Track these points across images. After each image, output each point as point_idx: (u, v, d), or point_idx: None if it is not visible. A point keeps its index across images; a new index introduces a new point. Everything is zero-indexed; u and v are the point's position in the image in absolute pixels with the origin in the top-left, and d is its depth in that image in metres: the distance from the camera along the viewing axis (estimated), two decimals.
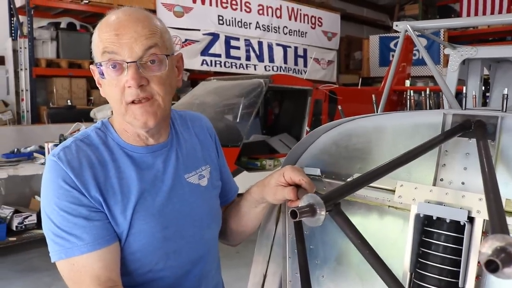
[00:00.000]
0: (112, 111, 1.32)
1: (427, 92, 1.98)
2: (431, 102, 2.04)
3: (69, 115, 7.28)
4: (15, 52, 7.71)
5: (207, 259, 1.43)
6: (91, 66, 1.30)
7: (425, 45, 9.68)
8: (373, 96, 2.28)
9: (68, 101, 7.99)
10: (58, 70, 8.08)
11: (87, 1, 8.17)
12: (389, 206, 1.29)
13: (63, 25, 8.25)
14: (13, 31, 7.99)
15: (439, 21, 3.60)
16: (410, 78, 10.07)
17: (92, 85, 8.81)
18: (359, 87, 9.49)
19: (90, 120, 7.05)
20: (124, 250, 1.25)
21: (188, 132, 1.44)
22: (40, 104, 7.86)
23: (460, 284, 1.10)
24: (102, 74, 1.21)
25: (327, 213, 0.95)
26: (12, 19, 7.94)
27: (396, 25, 3.18)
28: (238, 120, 5.75)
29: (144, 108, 1.20)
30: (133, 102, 1.19)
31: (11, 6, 7.54)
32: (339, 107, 1.85)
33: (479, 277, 1.09)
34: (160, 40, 1.22)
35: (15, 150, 5.65)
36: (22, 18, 7.72)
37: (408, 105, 1.88)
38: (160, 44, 1.22)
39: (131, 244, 1.25)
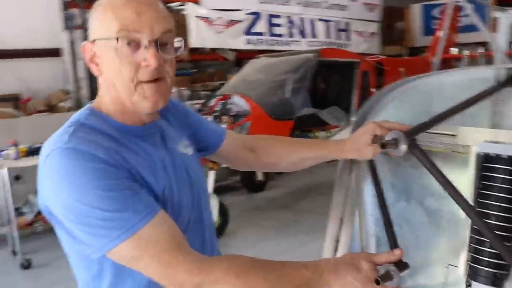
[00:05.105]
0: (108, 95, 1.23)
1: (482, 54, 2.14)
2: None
3: None
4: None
5: (208, 225, 1.45)
6: (86, 43, 1.21)
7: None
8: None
9: None
10: None
11: None
12: (452, 151, 1.47)
13: None
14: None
15: None
16: (455, 46, 9.96)
17: None
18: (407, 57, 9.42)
19: None
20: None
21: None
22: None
23: None
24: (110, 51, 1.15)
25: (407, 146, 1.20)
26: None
27: None
28: (290, 95, 5.96)
29: (156, 88, 1.18)
30: (145, 81, 1.17)
31: None
32: (402, 69, 2.03)
33: None
34: (173, 26, 1.23)
35: None
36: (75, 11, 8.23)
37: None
38: (174, 30, 1.23)
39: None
